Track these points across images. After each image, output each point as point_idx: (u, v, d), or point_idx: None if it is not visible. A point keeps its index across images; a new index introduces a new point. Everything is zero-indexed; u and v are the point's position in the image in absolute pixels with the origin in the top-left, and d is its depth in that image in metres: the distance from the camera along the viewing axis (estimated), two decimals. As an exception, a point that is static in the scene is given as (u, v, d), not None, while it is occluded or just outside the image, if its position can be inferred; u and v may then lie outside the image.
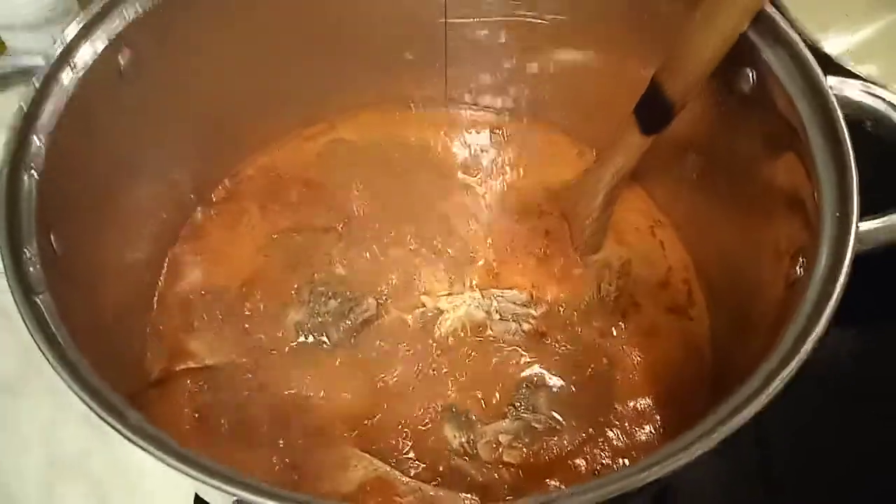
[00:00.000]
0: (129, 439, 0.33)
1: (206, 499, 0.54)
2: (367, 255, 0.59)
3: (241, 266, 0.58)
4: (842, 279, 0.37)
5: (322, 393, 0.52)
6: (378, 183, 0.63)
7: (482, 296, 0.56)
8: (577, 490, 0.32)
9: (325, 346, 0.54)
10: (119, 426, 0.33)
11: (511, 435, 0.51)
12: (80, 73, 0.45)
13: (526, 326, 0.55)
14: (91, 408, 0.34)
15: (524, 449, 0.50)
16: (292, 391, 0.52)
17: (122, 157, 0.50)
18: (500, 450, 0.50)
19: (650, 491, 0.45)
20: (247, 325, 0.55)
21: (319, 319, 0.55)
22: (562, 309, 0.56)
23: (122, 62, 0.48)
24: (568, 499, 0.32)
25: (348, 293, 0.56)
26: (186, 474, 0.32)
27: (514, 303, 0.56)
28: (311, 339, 0.54)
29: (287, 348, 0.54)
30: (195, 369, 0.53)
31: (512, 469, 0.50)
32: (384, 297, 0.56)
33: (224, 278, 0.58)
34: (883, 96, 0.46)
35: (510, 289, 0.57)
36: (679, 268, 0.59)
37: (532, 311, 0.56)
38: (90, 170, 0.47)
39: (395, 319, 0.55)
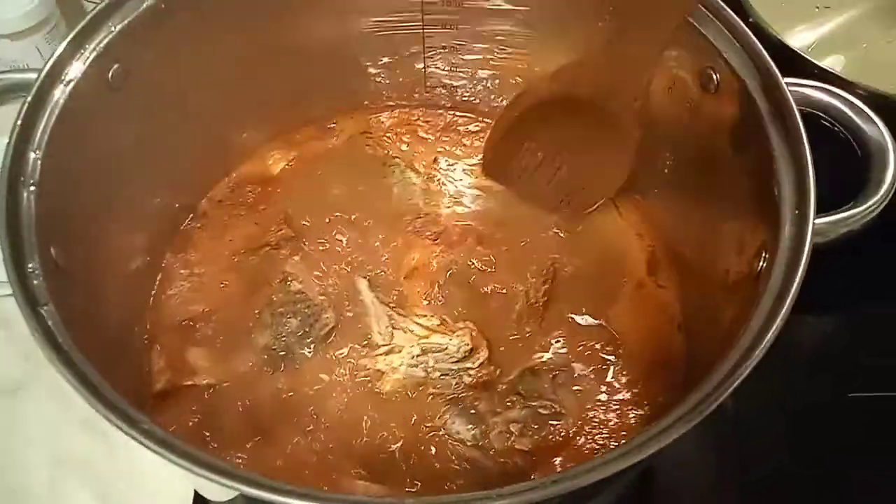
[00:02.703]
0: (140, 443, 0.34)
1: (206, 496, 0.55)
2: (322, 271, 0.59)
3: (212, 290, 0.58)
4: (800, 272, 0.40)
5: (311, 408, 0.53)
6: (343, 195, 0.63)
7: (420, 351, 0.55)
8: (560, 477, 0.34)
9: (296, 366, 0.54)
10: (130, 431, 0.35)
11: (521, 423, 0.52)
12: (71, 87, 0.46)
13: (467, 380, 0.54)
14: (100, 412, 0.35)
15: (534, 435, 0.52)
16: (282, 407, 0.53)
17: (113, 169, 0.51)
18: (512, 438, 0.52)
19: (632, 472, 0.48)
20: (223, 350, 0.55)
21: (284, 340, 0.55)
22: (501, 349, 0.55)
23: (109, 75, 0.49)
24: (552, 486, 0.33)
25: (307, 310, 0.56)
26: (198, 475, 0.34)
27: (451, 359, 0.55)
28: (280, 360, 0.55)
29: (263, 370, 0.54)
30: (193, 385, 0.54)
31: (524, 455, 0.51)
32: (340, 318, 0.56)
33: (200, 300, 0.58)
34: (839, 93, 0.48)
35: (448, 336, 0.55)
36: (650, 255, 0.61)
37: (469, 365, 0.54)
38: (84, 182, 0.48)
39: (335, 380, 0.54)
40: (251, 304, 0.57)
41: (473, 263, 0.59)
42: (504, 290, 0.58)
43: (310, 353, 0.55)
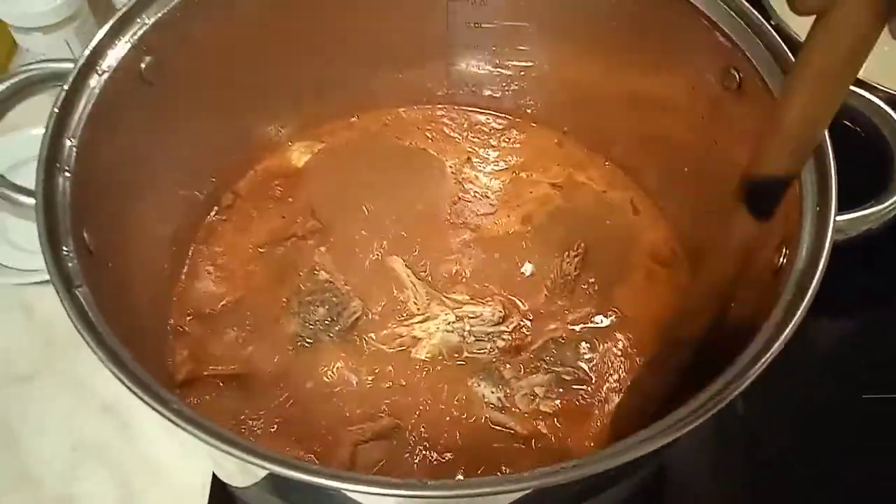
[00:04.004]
0: (172, 422, 0.35)
1: (227, 481, 0.56)
2: (350, 261, 0.60)
3: (237, 279, 0.59)
4: (820, 268, 0.40)
5: (338, 388, 0.54)
6: (370, 187, 0.64)
7: (455, 318, 0.57)
8: (580, 462, 0.34)
9: (323, 352, 0.55)
10: (161, 408, 0.36)
11: (545, 387, 0.54)
12: (106, 77, 0.47)
13: (501, 343, 0.56)
14: (134, 392, 0.36)
15: (557, 399, 0.54)
16: (309, 390, 0.54)
17: (142, 158, 0.52)
18: (537, 401, 0.53)
19: (644, 470, 0.48)
20: (250, 339, 0.57)
21: (311, 328, 0.56)
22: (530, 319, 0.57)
23: (143, 66, 0.50)
24: (572, 471, 0.34)
25: (334, 298, 0.57)
26: (228, 453, 0.34)
27: (486, 323, 0.57)
28: (309, 343, 0.56)
29: (291, 356, 0.56)
30: (217, 374, 0.55)
31: (550, 418, 0.53)
32: (368, 306, 0.58)
33: (226, 290, 0.59)
34: (861, 93, 0.48)
35: (482, 306, 0.58)
36: (666, 245, 0.62)
37: (504, 328, 0.57)
38: (115, 170, 0.49)
39: (375, 349, 0.56)
40: (278, 294, 0.58)
41: (504, 246, 0.61)
42: (534, 268, 0.60)
43: (338, 339, 0.56)
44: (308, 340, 0.56)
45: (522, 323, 0.57)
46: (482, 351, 0.56)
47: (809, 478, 0.59)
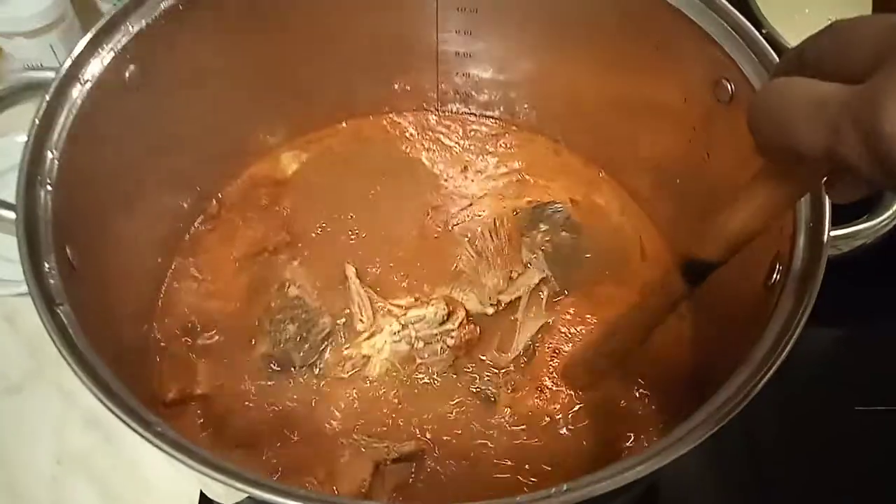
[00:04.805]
0: (154, 445, 0.34)
1: (212, 497, 0.55)
2: (322, 275, 0.59)
3: (217, 297, 0.58)
4: (815, 285, 0.40)
5: (312, 408, 0.53)
6: (354, 196, 0.63)
7: (401, 326, 0.55)
8: (573, 485, 0.34)
9: (293, 370, 0.55)
10: (143, 432, 0.35)
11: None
12: (89, 87, 0.46)
13: (450, 342, 0.55)
14: (115, 414, 0.35)
15: None
16: (284, 412, 0.53)
17: (128, 168, 0.51)
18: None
19: (638, 487, 0.47)
20: (228, 359, 0.56)
21: (282, 346, 0.55)
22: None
23: (126, 75, 0.49)
24: (556, 497, 0.34)
25: (304, 315, 0.56)
26: (211, 477, 0.34)
27: (432, 324, 0.56)
28: (278, 368, 0.55)
29: (263, 379, 0.54)
30: (197, 394, 0.54)
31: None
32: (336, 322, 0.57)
33: (206, 308, 0.58)
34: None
35: (425, 307, 0.56)
36: (658, 260, 0.61)
37: (450, 326, 0.55)
38: (98, 182, 0.49)
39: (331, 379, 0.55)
40: (252, 312, 0.57)
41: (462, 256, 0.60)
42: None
43: (308, 358, 0.55)
44: (279, 359, 0.55)
45: (469, 315, 0.56)
46: (434, 354, 0.55)
47: (803, 490, 0.59)
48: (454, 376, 0.55)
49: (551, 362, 0.56)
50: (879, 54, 0.27)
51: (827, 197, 0.42)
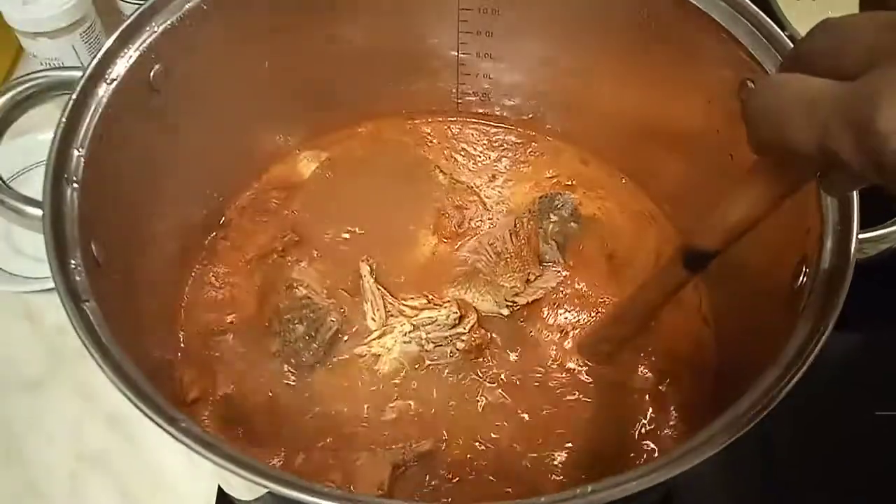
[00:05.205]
0: (179, 440, 0.35)
1: (232, 495, 0.56)
2: (328, 277, 0.59)
3: (232, 299, 0.59)
4: (844, 289, 0.39)
5: (327, 408, 0.53)
6: (369, 199, 0.63)
7: (412, 327, 0.55)
8: (596, 487, 0.34)
9: (305, 370, 0.55)
10: (169, 427, 0.35)
11: None
12: (114, 86, 0.47)
13: (460, 345, 0.55)
14: (141, 410, 0.36)
15: None
16: (300, 413, 0.53)
17: (151, 166, 0.52)
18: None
19: (655, 494, 0.47)
20: (244, 361, 0.56)
21: (292, 346, 0.55)
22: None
23: (151, 74, 0.49)
24: (580, 498, 0.33)
25: (312, 314, 0.56)
26: (233, 472, 0.34)
27: (443, 327, 0.55)
28: (291, 368, 0.55)
29: (279, 379, 0.55)
30: (217, 394, 0.54)
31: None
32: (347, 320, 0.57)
33: (223, 310, 0.58)
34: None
35: (437, 309, 0.56)
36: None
37: (461, 330, 0.55)
38: (124, 179, 0.49)
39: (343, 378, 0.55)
40: (263, 313, 0.57)
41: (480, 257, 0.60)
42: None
43: (317, 357, 0.55)
44: (290, 359, 0.55)
45: (480, 320, 0.56)
46: (443, 356, 0.55)
47: (821, 495, 0.58)
48: (466, 375, 0.55)
49: (561, 350, 0.56)
50: (871, 52, 0.27)
51: (856, 198, 0.41)
